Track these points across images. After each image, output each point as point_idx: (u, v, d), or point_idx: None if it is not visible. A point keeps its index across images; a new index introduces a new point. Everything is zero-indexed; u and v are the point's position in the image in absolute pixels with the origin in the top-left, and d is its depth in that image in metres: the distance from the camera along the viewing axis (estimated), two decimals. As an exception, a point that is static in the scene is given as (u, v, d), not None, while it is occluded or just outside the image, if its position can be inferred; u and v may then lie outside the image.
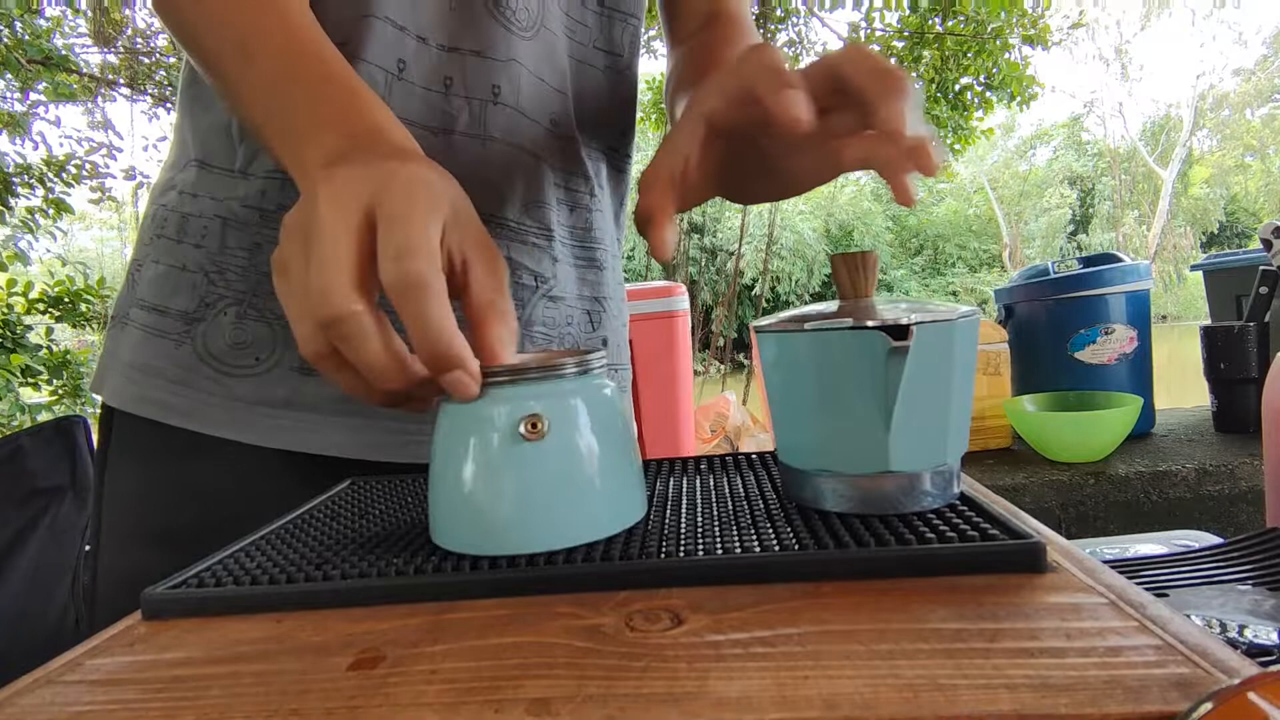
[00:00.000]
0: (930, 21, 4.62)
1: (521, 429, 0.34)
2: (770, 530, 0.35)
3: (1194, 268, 2.41)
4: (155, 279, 0.55)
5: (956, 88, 4.85)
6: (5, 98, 3.63)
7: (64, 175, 3.56)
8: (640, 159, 0.56)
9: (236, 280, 0.53)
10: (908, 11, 4.63)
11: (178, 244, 0.55)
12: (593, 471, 0.36)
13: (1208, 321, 2.08)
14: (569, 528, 0.35)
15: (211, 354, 0.53)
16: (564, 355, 0.38)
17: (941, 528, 0.33)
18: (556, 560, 0.33)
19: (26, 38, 3.33)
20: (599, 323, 0.66)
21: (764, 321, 0.38)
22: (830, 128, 0.36)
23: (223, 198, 0.54)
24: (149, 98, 4.69)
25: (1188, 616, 0.26)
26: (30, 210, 3.49)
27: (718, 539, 0.34)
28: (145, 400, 0.54)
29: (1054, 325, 2.05)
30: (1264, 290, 1.87)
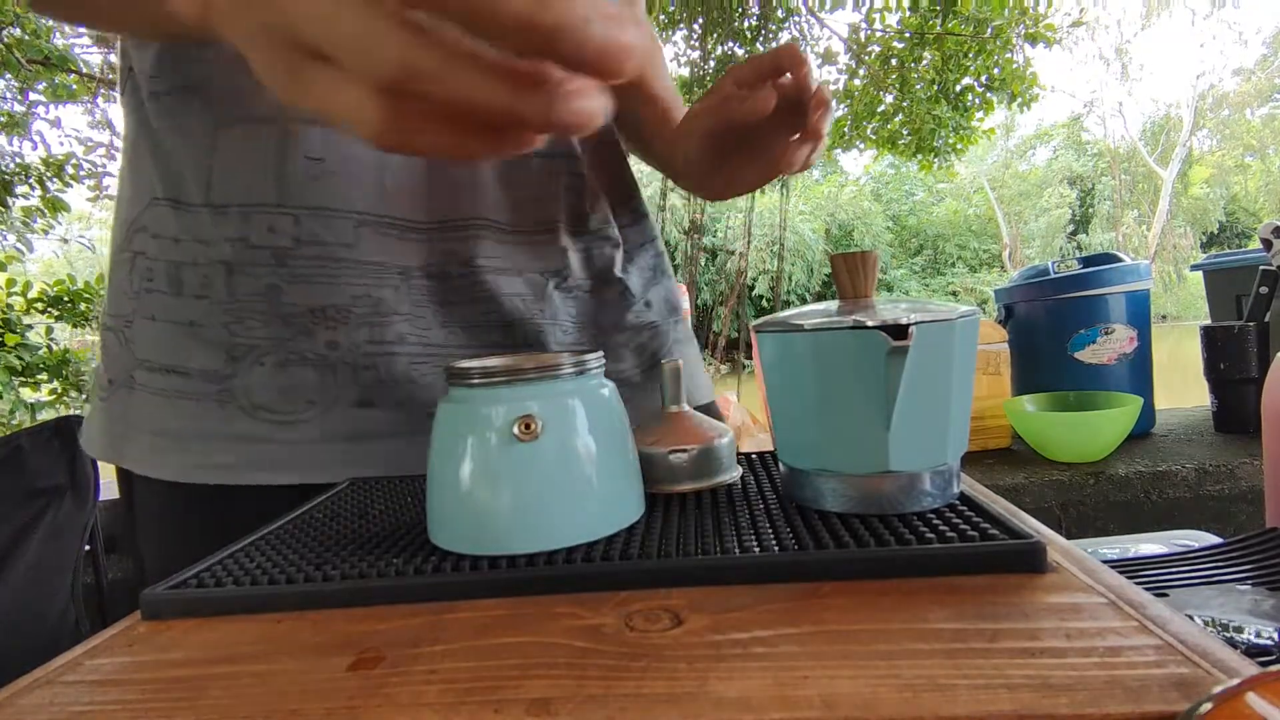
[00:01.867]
0: (930, 22, 4.62)
1: (515, 430, 0.34)
2: (770, 530, 0.35)
3: (1194, 268, 2.41)
4: (159, 339, 0.52)
5: (958, 88, 4.85)
6: (5, 98, 3.63)
7: (63, 175, 3.56)
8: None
9: (260, 327, 0.51)
10: (908, 12, 4.62)
11: (176, 298, 0.52)
12: (588, 472, 0.36)
13: (1208, 321, 2.07)
14: (565, 528, 0.35)
15: (260, 405, 0.51)
16: (561, 356, 0.38)
17: (941, 528, 0.33)
18: (556, 560, 0.33)
19: (26, 38, 3.33)
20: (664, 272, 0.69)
21: (764, 321, 0.38)
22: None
23: (210, 239, 0.51)
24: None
25: (1188, 616, 0.26)
26: (28, 210, 3.49)
27: (717, 539, 0.34)
28: (205, 467, 0.51)
29: (1054, 325, 2.04)
30: (1264, 290, 1.86)
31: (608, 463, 0.36)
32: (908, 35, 4.77)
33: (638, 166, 0.74)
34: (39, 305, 3.16)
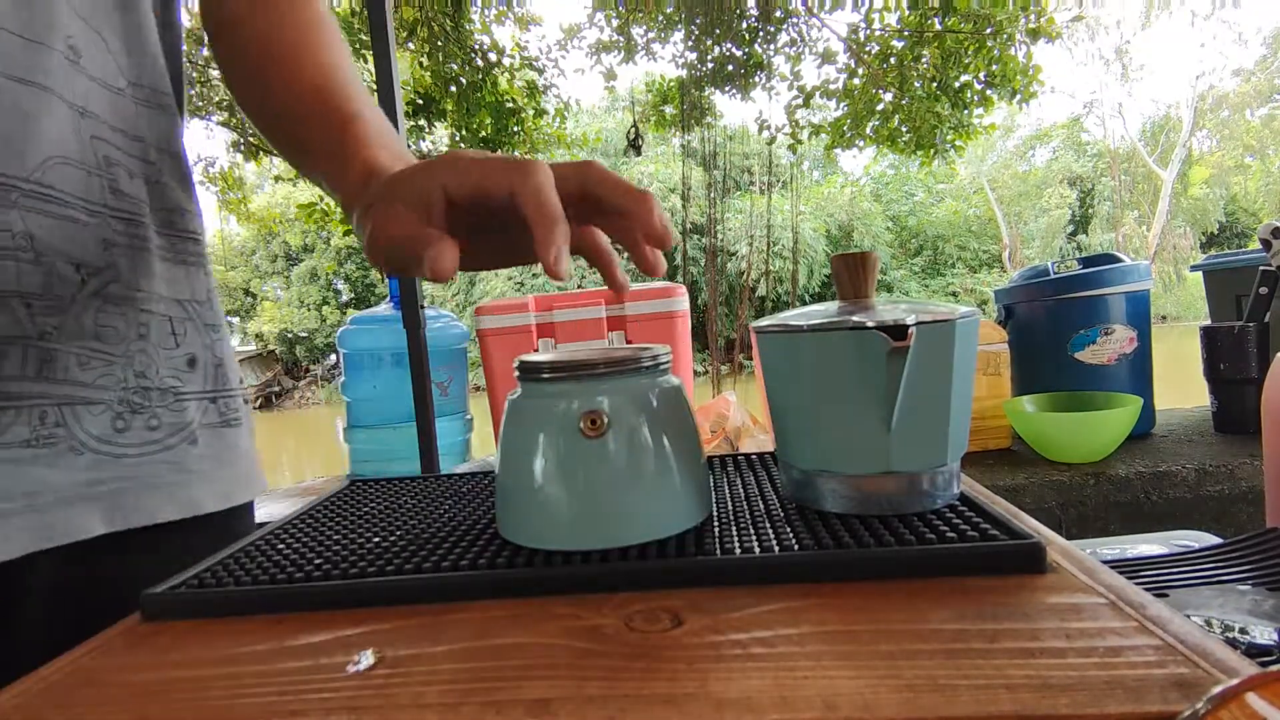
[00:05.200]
0: (929, 20, 4.62)
1: (581, 426, 0.34)
2: (770, 530, 0.35)
3: (1194, 268, 2.41)
4: None
5: (957, 85, 4.85)
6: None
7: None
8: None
9: None
10: (907, 12, 4.63)
11: None
12: (656, 470, 0.35)
13: (1208, 321, 2.07)
14: (631, 526, 0.34)
15: None
16: (626, 349, 0.37)
17: (941, 528, 0.33)
18: (556, 560, 0.33)
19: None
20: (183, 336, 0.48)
21: (764, 322, 0.38)
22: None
23: None
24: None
25: (1188, 617, 0.26)
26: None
27: (717, 539, 0.34)
28: None
29: (1054, 325, 2.04)
30: (1264, 290, 1.86)
31: (675, 461, 0.36)
32: (907, 34, 4.77)
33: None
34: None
